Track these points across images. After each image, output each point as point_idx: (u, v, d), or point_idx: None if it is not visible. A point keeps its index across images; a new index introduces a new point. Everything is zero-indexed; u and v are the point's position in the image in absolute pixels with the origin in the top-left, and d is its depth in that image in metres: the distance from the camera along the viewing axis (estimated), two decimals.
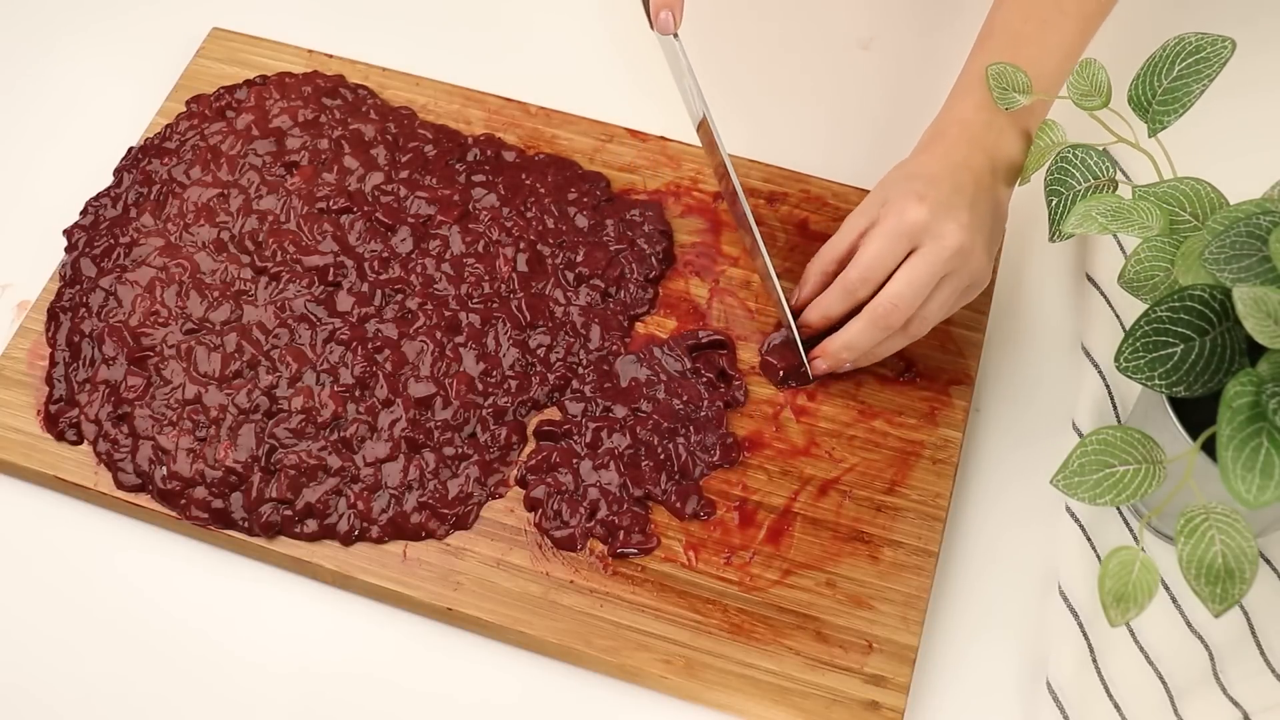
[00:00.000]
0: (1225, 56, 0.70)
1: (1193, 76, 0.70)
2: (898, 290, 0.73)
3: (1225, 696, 0.71)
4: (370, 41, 0.96)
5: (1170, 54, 0.71)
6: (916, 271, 0.73)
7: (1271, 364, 0.59)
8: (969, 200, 0.74)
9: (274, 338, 0.81)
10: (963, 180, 0.74)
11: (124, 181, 0.88)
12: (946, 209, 0.73)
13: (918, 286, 0.73)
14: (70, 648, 0.74)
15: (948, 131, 0.77)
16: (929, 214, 0.73)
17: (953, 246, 0.73)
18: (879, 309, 0.74)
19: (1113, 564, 0.62)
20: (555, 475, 0.77)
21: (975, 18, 0.83)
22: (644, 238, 0.85)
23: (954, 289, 0.75)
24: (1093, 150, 0.72)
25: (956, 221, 0.73)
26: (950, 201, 0.73)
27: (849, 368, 0.79)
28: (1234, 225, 0.62)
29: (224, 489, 0.76)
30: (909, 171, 0.76)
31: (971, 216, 0.73)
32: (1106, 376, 0.80)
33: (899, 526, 0.76)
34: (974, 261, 0.74)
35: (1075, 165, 0.72)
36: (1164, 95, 0.71)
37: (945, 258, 0.73)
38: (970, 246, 0.73)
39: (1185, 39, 0.71)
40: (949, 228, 0.73)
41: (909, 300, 0.73)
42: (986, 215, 0.75)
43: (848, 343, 0.77)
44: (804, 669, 0.72)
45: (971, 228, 0.73)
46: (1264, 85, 0.92)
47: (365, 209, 0.85)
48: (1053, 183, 0.72)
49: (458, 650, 0.74)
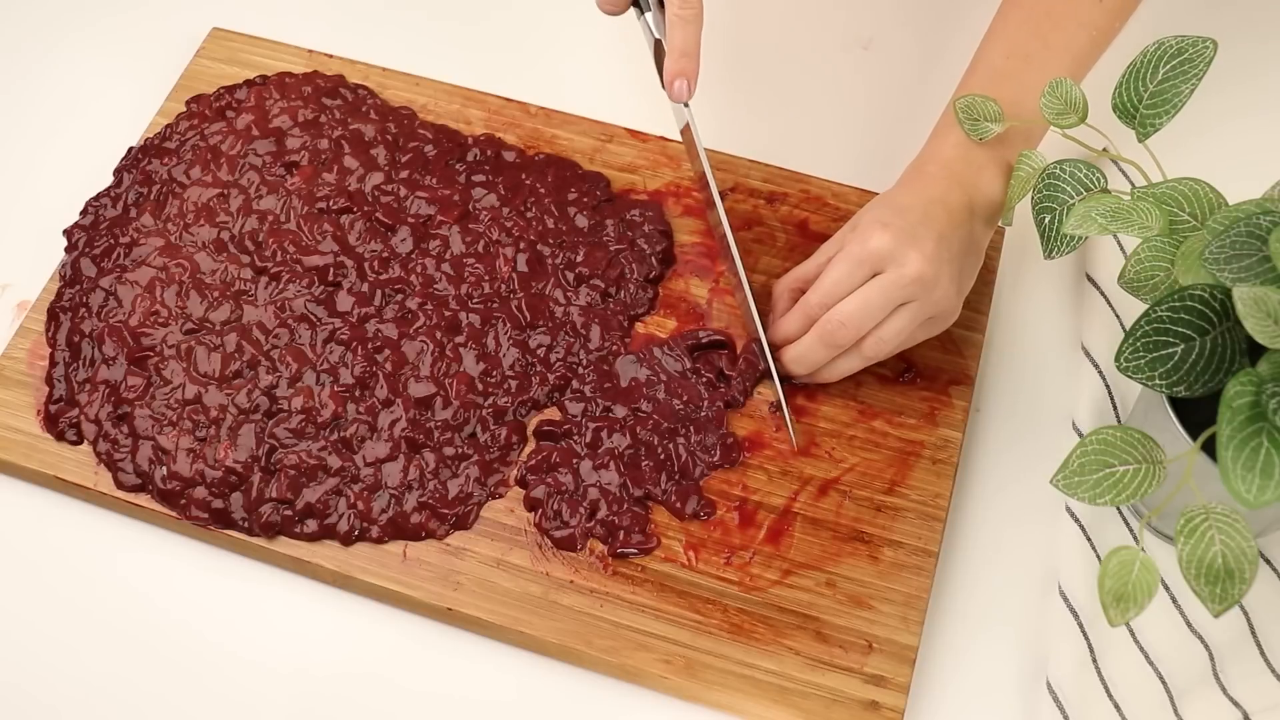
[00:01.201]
0: (1209, 56, 0.70)
1: (1179, 78, 0.70)
2: (848, 310, 0.74)
3: (1225, 696, 0.71)
4: (370, 41, 0.96)
5: (1152, 59, 0.71)
6: (869, 294, 0.73)
7: (1271, 364, 0.59)
8: (937, 233, 0.73)
9: (274, 338, 0.81)
10: (934, 213, 0.74)
11: (124, 181, 0.88)
12: (910, 238, 0.73)
13: (869, 309, 0.73)
14: (70, 648, 0.74)
15: (926, 169, 0.77)
16: (892, 241, 0.73)
17: (912, 275, 0.72)
18: (826, 325, 0.75)
19: (1113, 564, 0.62)
20: (555, 475, 0.77)
21: (975, 18, 0.83)
22: (644, 238, 0.85)
23: (912, 318, 0.74)
24: (1080, 163, 0.71)
25: (919, 251, 0.73)
26: (915, 232, 0.73)
27: (807, 379, 0.79)
28: (1234, 225, 0.62)
29: (224, 489, 0.76)
30: (882, 201, 0.77)
31: (937, 248, 0.73)
32: (1106, 376, 0.80)
33: (899, 526, 0.76)
34: (936, 292, 0.74)
35: (1064, 179, 0.71)
36: (1151, 99, 0.71)
37: (903, 284, 0.73)
38: (933, 277, 0.73)
39: (1165, 43, 0.71)
40: (911, 256, 0.72)
41: (856, 320, 0.74)
42: (956, 250, 0.75)
43: (797, 357, 0.77)
44: (804, 669, 0.72)
45: (936, 259, 0.73)
46: (1265, 83, 0.92)
47: (365, 209, 0.85)
48: (1042, 200, 0.72)
49: (457, 650, 0.74)
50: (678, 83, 0.76)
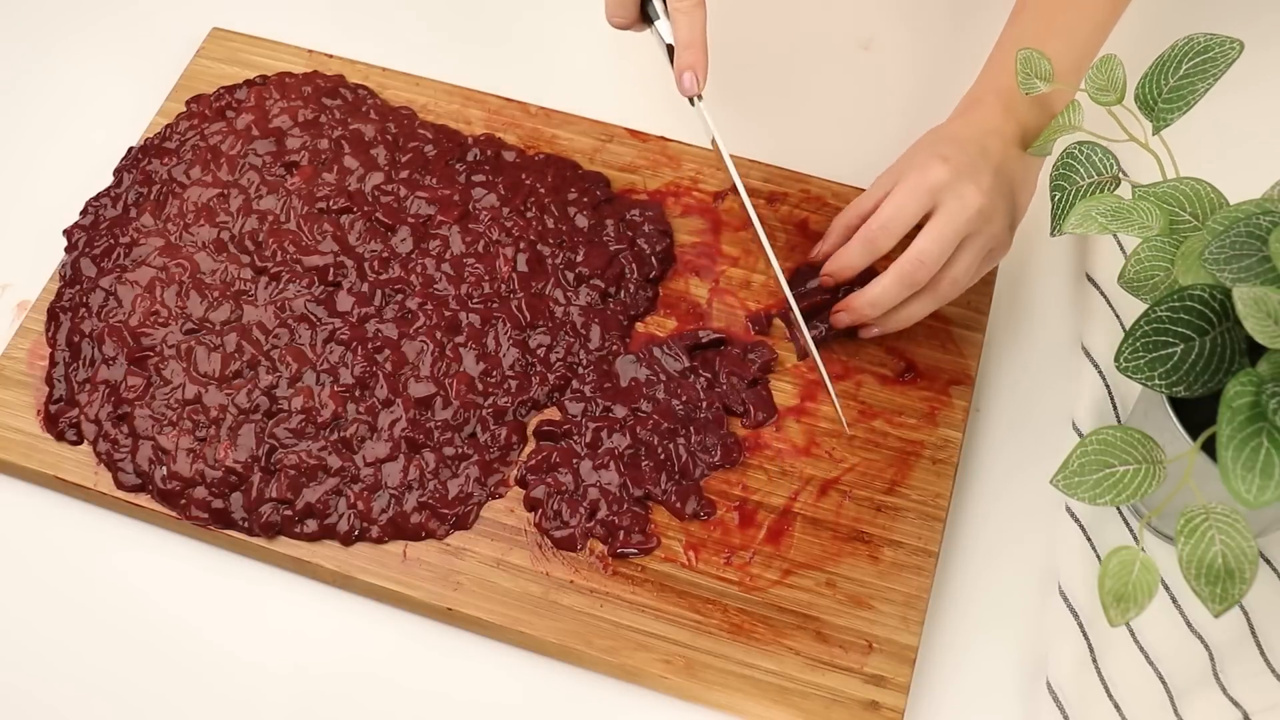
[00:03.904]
0: (1232, 57, 0.70)
1: (1198, 76, 0.70)
2: (923, 246, 0.74)
3: (1225, 696, 0.71)
4: (370, 41, 0.96)
5: (1179, 54, 0.71)
6: (940, 228, 0.74)
7: (1271, 364, 0.59)
8: (994, 166, 0.75)
9: (274, 338, 0.81)
10: (990, 146, 0.75)
11: (124, 181, 0.88)
12: (969, 171, 0.74)
13: (943, 243, 0.74)
14: (70, 648, 0.74)
15: (984, 98, 0.78)
16: (951, 174, 0.74)
17: (973, 206, 0.73)
18: (905, 264, 0.74)
19: (1113, 564, 0.62)
20: (555, 475, 0.77)
21: (975, 18, 0.83)
22: (644, 238, 0.85)
23: (977, 251, 0.75)
24: (1098, 147, 0.72)
25: (977, 184, 0.74)
26: (974, 164, 0.74)
27: (876, 333, 0.79)
28: (1234, 225, 0.62)
29: (224, 489, 0.76)
30: (939, 135, 0.78)
31: (995, 181, 0.74)
32: (1106, 376, 0.80)
33: (899, 526, 0.76)
34: (995, 225, 0.75)
35: (1080, 161, 0.72)
36: (1169, 94, 0.71)
37: (967, 217, 0.73)
38: (990, 209, 0.74)
39: (1194, 39, 0.71)
40: (969, 189, 0.73)
41: (934, 256, 0.74)
42: (1012, 182, 0.76)
43: (873, 299, 0.76)
44: (804, 669, 0.72)
45: (993, 192, 0.74)
46: (1266, 84, 0.92)
47: (365, 209, 0.85)
48: (1058, 178, 0.73)
49: (458, 650, 0.74)
50: (686, 75, 0.76)
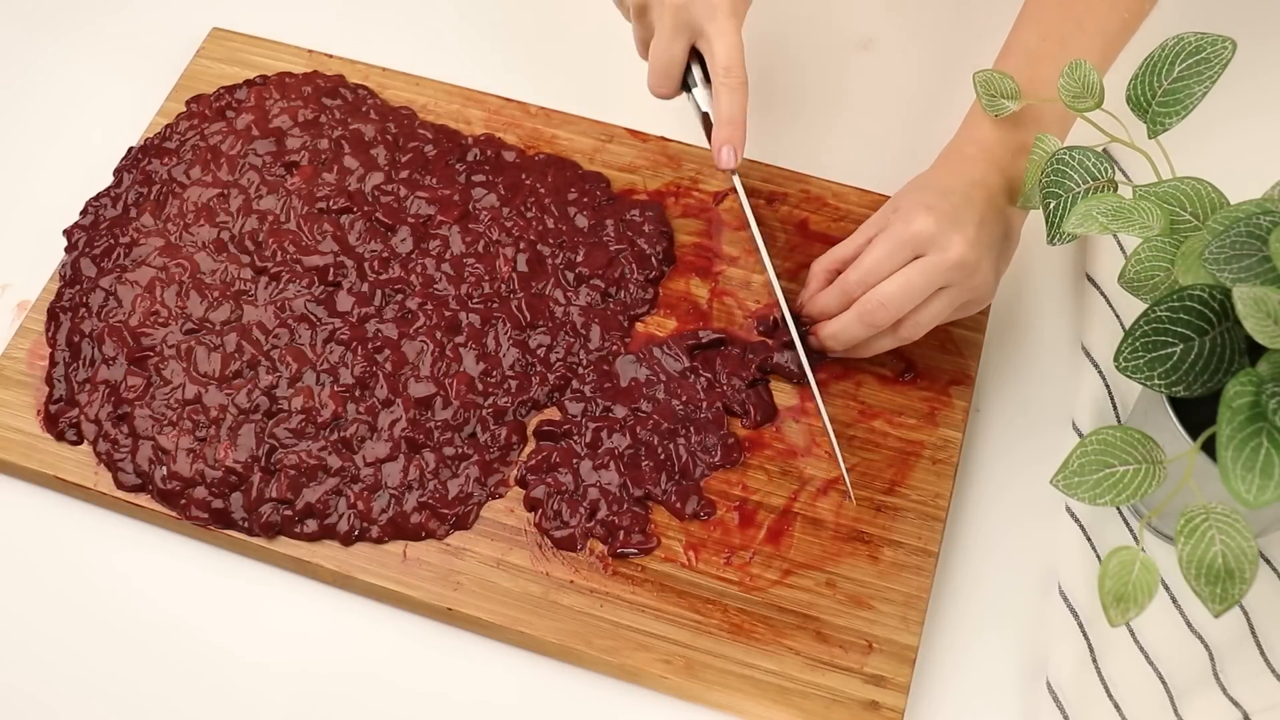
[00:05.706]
0: (1226, 58, 0.69)
1: (1194, 78, 0.70)
2: (889, 291, 0.74)
3: (1225, 696, 0.71)
4: (370, 41, 0.96)
5: (1169, 54, 0.70)
6: (911, 277, 0.73)
7: (1271, 364, 0.59)
8: (978, 217, 0.73)
9: (274, 338, 0.81)
10: (975, 197, 0.74)
11: (124, 181, 0.88)
12: (953, 222, 0.73)
13: (910, 291, 0.73)
14: (70, 648, 0.74)
15: (965, 150, 0.77)
16: (935, 225, 0.73)
17: (954, 259, 0.72)
18: (866, 305, 0.74)
19: (1113, 564, 0.62)
20: (555, 475, 0.77)
21: (975, 18, 0.83)
22: (644, 238, 0.85)
23: (950, 301, 0.75)
24: (1090, 152, 0.71)
25: (962, 235, 0.73)
26: (958, 215, 0.73)
27: (841, 354, 0.79)
28: (1234, 225, 0.62)
29: (224, 489, 0.76)
30: (923, 183, 0.77)
31: (979, 233, 0.73)
32: (1106, 376, 0.80)
33: (899, 526, 0.76)
34: (976, 278, 0.74)
35: (1072, 167, 0.71)
36: (1164, 96, 0.70)
37: (945, 269, 0.73)
38: (974, 262, 0.73)
39: (1184, 39, 0.70)
40: (953, 240, 0.72)
41: (897, 302, 0.73)
42: (996, 234, 0.75)
43: (834, 333, 0.77)
44: (804, 669, 0.72)
45: (978, 244, 0.73)
46: (1266, 83, 0.92)
47: (365, 209, 0.85)
48: (1049, 185, 0.72)
49: (458, 650, 0.74)
50: (725, 150, 0.77)
